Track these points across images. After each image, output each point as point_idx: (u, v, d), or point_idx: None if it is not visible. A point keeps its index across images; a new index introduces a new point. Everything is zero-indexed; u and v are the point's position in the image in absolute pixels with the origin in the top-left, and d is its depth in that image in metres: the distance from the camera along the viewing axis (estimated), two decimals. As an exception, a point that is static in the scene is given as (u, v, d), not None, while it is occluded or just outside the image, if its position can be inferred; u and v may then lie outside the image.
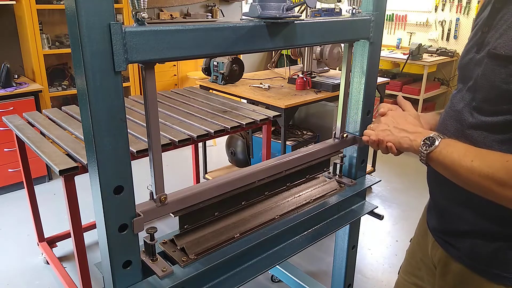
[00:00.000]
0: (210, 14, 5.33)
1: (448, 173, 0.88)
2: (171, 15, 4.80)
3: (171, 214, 1.02)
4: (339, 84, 1.34)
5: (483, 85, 0.87)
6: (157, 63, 0.85)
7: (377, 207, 1.48)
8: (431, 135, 0.90)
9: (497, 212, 0.86)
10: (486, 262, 0.93)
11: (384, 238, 2.83)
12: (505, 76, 0.81)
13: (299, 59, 3.56)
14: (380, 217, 1.46)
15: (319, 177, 1.44)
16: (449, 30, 4.86)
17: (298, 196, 1.33)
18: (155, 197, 0.96)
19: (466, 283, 0.98)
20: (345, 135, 1.38)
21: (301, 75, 3.02)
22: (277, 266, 1.93)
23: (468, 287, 0.98)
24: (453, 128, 0.95)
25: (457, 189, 0.88)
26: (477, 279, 0.95)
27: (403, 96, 1.19)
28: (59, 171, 1.61)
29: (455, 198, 0.97)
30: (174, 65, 4.91)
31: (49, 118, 2.22)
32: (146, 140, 0.96)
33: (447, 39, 4.91)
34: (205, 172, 3.56)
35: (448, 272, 1.02)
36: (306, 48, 3.17)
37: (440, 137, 0.89)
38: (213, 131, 1.99)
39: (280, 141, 2.78)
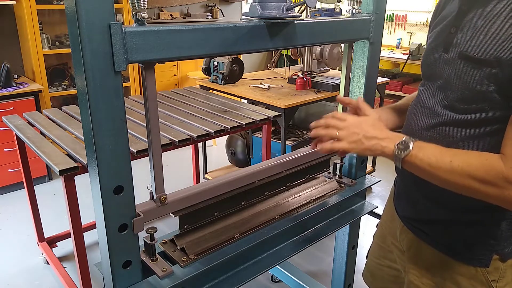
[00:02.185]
0: (210, 14, 5.33)
1: (425, 174, 0.88)
2: (171, 15, 4.80)
3: (171, 214, 1.02)
4: (339, 84, 1.34)
5: (456, 85, 0.89)
6: (157, 63, 0.85)
7: (377, 207, 1.48)
8: (403, 140, 0.89)
9: (467, 203, 0.89)
10: (458, 247, 0.98)
11: (384, 238, 2.82)
12: (479, 78, 0.84)
13: (299, 59, 3.56)
14: (380, 217, 1.46)
15: (319, 177, 1.44)
16: (449, 30, 4.86)
17: (298, 196, 1.33)
18: (155, 197, 0.96)
19: (438, 265, 1.03)
20: (345, 135, 1.38)
21: (301, 75, 3.02)
22: (277, 266, 1.93)
23: (440, 269, 1.02)
24: (425, 124, 0.97)
25: (425, 183, 0.90)
26: (450, 262, 1.00)
27: (402, 97, 1.20)
28: (59, 171, 1.61)
29: (427, 190, 0.98)
30: (174, 65, 4.91)
31: (49, 118, 2.22)
32: (146, 140, 0.96)
33: (447, 39, 4.91)
34: (205, 172, 3.56)
35: (420, 255, 1.07)
36: (306, 48, 3.17)
37: (412, 140, 0.88)
38: (213, 131, 1.99)
39: (280, 141, 2.78)
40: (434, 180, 0.87)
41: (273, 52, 6.13)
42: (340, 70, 1.70)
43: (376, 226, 1.33)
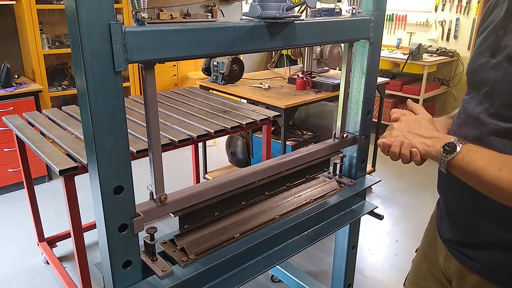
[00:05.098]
0: (210, 14, 5.33)
1: (471, 181, 0.82)
2: (171, 15, 4.80)
3: (171, 214, 1.02)
4: (339, 84, 1.34)
5: (503, 90, 0.83)
6: (157, 63, 0.85)
7: (377, 207, 1.48)
8: (451, 141, 0.83)
9: None
10: (506, 272, 0.90)
11: (384, 238, 2.83)
12: None
13: (299, 59, 3.56)
14: (380, 217, 1.46)
15: (319, 177, 1.44)
16: (449, 30, 4.85)
17: (298, 196, 1.33)
18: (155, 197, 0.96)
19: None
20: (345, 135, 1.39)
21: (301, 75, 3.02)
22: (277, 266, 1.93)
23: None
24: (471, 134, 0.91)
25: (475, 199, 0.84)
26: None
27: (402, 97, 1.17)
28: (59, 171, 1.61)
29: (472, 208, 0.92)
30: (174, 65, 4.91)
31: (49, 118, 2.22)
32: (146, 140, 0.96)
33: (447, 39, 4.91)
34: (205, 172, 3.56)
35: (465, 284, 0.98)
36: (306, 48, 3.17)
37: (461, 143, 0.82)
38: (213, 131, 1.99)
39: (280, 141, 2.78)
40: (480, 187, 0.80)
41: (273, 52, 6.13)
42: (340, 70, 1.70)
43: (416, 251, 1.23)
